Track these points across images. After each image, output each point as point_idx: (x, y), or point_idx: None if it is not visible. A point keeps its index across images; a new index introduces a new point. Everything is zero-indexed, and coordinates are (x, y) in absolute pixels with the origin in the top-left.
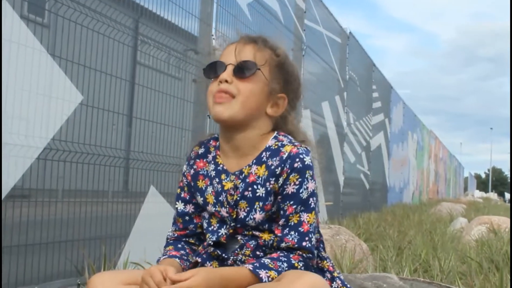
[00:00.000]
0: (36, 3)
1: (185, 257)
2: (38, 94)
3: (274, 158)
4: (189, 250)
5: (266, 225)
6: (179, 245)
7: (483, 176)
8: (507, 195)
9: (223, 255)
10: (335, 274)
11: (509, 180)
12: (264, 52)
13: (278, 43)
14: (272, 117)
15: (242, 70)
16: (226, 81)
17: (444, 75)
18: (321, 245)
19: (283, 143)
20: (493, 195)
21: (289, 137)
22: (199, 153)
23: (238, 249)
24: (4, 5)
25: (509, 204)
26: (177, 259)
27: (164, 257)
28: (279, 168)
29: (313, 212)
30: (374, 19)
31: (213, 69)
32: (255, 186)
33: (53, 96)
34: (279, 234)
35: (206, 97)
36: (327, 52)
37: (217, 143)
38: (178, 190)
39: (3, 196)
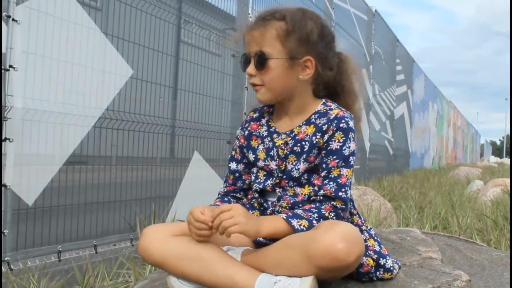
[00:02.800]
0: None
1: None
2: (93, 69)
3: (322, 118)
4: (234, 202)
5: (306, 176)
6: (226, 199)
7: (498, 143)
8: None
9: (264, 204)
10: (363, 228)
11: None
12: (271, 28)
13: (288, 7)
14: (312, 82)
15: (257, 64)
16: (252, 74)
17: (463, 50)
18: (351, 203)
19: (331, 107)
20: (507, 160)
21: (336, 104)
22: (253, 117)
23: (276, 201)
24: None
25: None
26: None
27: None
28: (326, 126)
29: (351, 169)
30: None
31: (242, 63)
32: (303, 142)
33: (106, 71)
34: (319, 184)
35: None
36: (354, 29)
37: (271, 109)
38: (232, 153)
39: (63, 161)
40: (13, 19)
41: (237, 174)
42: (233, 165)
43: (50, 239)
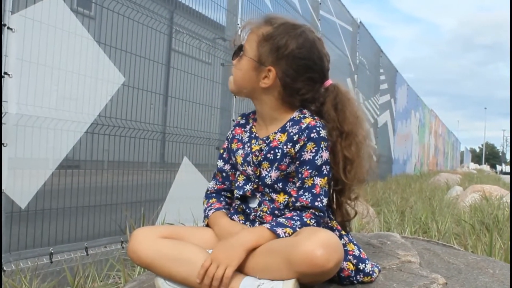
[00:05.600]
0: None
1: (227, 207)
2: (86, 76)
3: (294, 127)
4: (229, 201)
5: (281, 184)
6: (221, 198)
7: (477, 150)
8: (498, 167)
9: (247, 210)
10: (343, 232)
11: (500, 154)
12: (259, 30)
13: (291, 19)
14: (278, 95)
15: (234, 53)
16: (232, 63)
17: (446, 61)
18: (330, 210)
19: (305, 115)
20: (486, 167)
21: (311, 113)
22: (240, 122)
23: (257, 206)
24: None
25: (499, 175)
26: (223, 209)
27: (212, 211)
28: (297, 136)
29: (325, 178)
30: (383, 11)
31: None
32: (276, 150)
33: (99, 78)
34: (295, 195)
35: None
36: (340, 40)
37: (255, 116)
38: (221, 151)
39: (56, 165)
40: (8, 28)
41: (224, 174)
42: (220, 163)
43: (42, 241)
